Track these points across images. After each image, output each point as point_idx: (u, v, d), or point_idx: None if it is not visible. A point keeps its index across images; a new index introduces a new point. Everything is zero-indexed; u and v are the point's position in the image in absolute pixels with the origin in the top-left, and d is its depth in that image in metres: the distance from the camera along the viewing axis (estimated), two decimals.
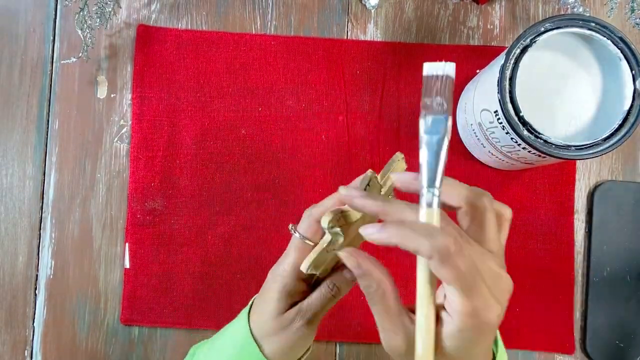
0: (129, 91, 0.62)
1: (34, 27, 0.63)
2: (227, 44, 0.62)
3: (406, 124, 0.61)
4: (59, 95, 0.62)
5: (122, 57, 0.63)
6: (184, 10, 0.63)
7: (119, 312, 0.61)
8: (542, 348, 0.60)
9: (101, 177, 0.62)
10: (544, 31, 0.47)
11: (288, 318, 0.37)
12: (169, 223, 0.61)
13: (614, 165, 0.62)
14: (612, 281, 0.60)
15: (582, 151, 0.47)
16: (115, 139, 0.62)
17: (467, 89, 0.59)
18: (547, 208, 0.61)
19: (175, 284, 0.60)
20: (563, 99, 0.49)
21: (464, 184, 0.33)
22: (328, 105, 0.62)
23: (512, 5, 0.63)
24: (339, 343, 0.61)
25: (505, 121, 0.47)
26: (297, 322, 0.37)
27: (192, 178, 0.61)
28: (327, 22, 0.63)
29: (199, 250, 0.61)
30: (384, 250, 0.60)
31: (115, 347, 0.61)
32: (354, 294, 0.61)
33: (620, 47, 0.47)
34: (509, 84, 0.47)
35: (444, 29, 0.63)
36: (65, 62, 0.62)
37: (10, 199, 0.62)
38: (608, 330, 0.60)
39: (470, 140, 0.59)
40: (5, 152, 0.62)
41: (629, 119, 0.47)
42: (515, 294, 0.61)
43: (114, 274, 0.61)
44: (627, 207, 0.61)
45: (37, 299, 0.61)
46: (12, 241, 0.62)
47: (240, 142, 0.61)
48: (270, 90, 0.62)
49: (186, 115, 0.62)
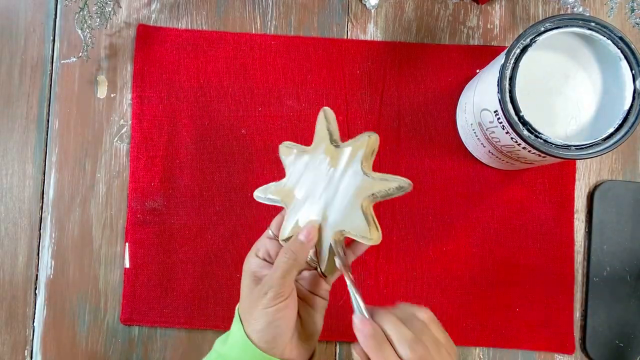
0: (129, 91, 0.62)
1: (34, 26, 0.63)
2: (227, 43, 0.62)
3: (406, 123, 0.61)
4: (59, 95, 0.62)
5: (122, 57, 0.63)
6: (184, 10, 0.63)
7: (118, 312, 0.61)
8: (542, 348, 0.60)
9: (101, 177, 0.62)
10: (544, 31, 0.47)
11: (258, 293, 0.40)
12: (169, 223, 0.61)
13: (614, 165, 0.62)
14: (612, 281, 0.60)
15: (582, 151, 0.47)
16: (116, 139, 0.62)
17: (467, 88, 0.59)
18: (547, 208, 0.61)
19: (175, 284, 0.60)
20: (563, 98, 0.49)
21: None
22: (328, 104, 0.61)
23: (512, 5, 0.63)
24: (339, 343, 0.61)
25: (505, 121, 0.47)
26: (267, 295, 0.39)
27: (192, 178, 0.61)
28: (327, 22, 0.63)
29: (199, 250, 0.61)
30: (384, 250, 0.61)
31: (115, 347, 0.61)
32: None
33: (620, 47, 0.47)
34: (509, 83, 0.47)
35: (444, 28, 0.63)
36: (65, 61, 0.62)
37: (11, 198, 0.62)
38: (608, 330, 0.60)
39: (470, 140, 0.59)
40: (6, 152, 0.62)
41: (628, 119, 0.47)
42: (515, 294, 0.61)
43: (114, 273, 0.61)
44: (627, 207, 0.61)
45: (37, 299, 0.61)
46: (12, 241, 0.62)
47: (240, 142, 0.61)
48: (270, 90, 0.62)
49: (186, 115, 0.62)
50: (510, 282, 0.60)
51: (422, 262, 0.61)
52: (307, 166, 0.43)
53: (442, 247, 0.61)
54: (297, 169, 0.44)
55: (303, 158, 0.44)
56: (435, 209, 0.61)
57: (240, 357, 0.40)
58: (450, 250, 0.61)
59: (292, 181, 0.44)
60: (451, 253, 0.61)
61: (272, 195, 0.45)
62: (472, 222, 0.61)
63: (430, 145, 0.61)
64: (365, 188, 0.41)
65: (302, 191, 0.43)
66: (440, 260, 0.61)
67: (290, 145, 0.45)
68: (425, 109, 0.62)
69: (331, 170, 0.42)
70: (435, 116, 0.62)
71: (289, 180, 0.44)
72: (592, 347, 0.60)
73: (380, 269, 0.61)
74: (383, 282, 0.60)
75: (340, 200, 0.41)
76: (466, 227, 0.61)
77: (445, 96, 0.61)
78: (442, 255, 0.61)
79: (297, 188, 0.43)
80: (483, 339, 0.60)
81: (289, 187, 0.44)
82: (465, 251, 0.61)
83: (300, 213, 0.43)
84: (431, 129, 0.62)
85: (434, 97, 0.62)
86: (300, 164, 0.44)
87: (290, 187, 0.44)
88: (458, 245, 0.61)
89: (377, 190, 0.40)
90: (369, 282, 0.60)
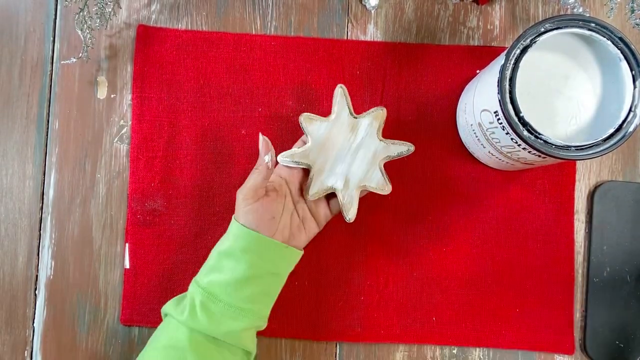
0: (129, 91, 0.62)
1: (34, 27, 0.63)
2: (227, 44, 0.62)
3: (406, 123, 0.61)
4: (59, 95, 0.62)
5: (122, 58, 0.63)
6: (184, 11, 0.63)
7: (118, 312, 0.61)
8: (542, 348, 0.60)
9: (101, 178, 0.62)
10: (544, 31, 0.47)
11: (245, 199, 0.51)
12: (169, 223, 0.61)
13: (614, 165, 0.62)
14: (612, 281, 0.60)
15: (582, 151, 0.47)
16: (116, 139, 0.62)
17: (467, 89, 0.59)
18: (547, 208, 0.61)
19: (175, 284, 0.60)
20: (563, 99, 0.49)
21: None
22: (328, 105, 0.61)
23: (512, 5, 0.63)
24: (339, 343, 0.61)
25: (505, 121, 0.47)
26: (252, 199, 0.51)
27: (192, 178, 0.61)
28: (327, 22, 0.63)
29: (199, 250, 0.61)
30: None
31: (115, 347, 0.61)
32: (354, 295, 0.61)
33: (620, 48, 0.47)
34: (509, 84, 0.47)
35: (444, 29, 0.63)
36: (65, 62, 0.62)
37: (11, 199, 0.62)
38: (608, 330, 0.60)
39: (471, 141, 0.59)
40: (5, 152, 0.62)
41: (629, 120, 0.47)
42: (515, 295, 0.61)
43: (114, 274, 0.61)
44: (627, 207, 0.61)
45: (37, 299, 0.61)
46: (12, 241, 0.62)
47: (241, 142, 0.61)
48: (270, 90, 0.62)
49: (186, 115, 0.62)
50: (510, 283, 0.60)
51: (422, 263, 0.61)
52: (330, 133, 0.53)
53: (442, 247, 0.61)
54: (320, 135, 0.53)
55: (324, 126, 0.53)
56: (435, 210, 0.61)
57: (234, 236, 0.50)
58: (450, 251, 0.61)
59: (316, 146, 0.53)
60: (451, 253, 0.61)
61: (299, 159, 0.53)
62: (472, 222, 0.61)
63: (430, 146, 0.61)
64: (382, 151, 0.53)
65: (327, 155, 0.53)
66: (440, 260, 0.61)
67: (312, 116, 0.54)
68: (425, 109, 0.62)
69: (352, 137, 0.53)
70: (435, 117, 0.62)
71: (314, 146, 0.53)
72: (592, 348, 0.60)
73: (380, 269, 0.61)
74: (383, 282, 0.60)
75: (361, 162, 0.53)
76: (466, 228, 0.61)
77: (445, 97, 0.61)
78: (442, 255, 0.61)
79: (322, 152, 0.53)
80: (483, 339, 0.60)
81: (314, 151, 0.53)
82: (465, 252, 0.61)
83: (326, 173, 0.53)
84: (431, 130, 0.62)
85: (434, 97, 0.62)
86: (323, 131, 0.53)
87: (316, 151, 0.53)
88: (458, 246, 0.61)
89: (392, 152, 0.54)
90: (369, 282, 0.60)
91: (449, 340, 0.60)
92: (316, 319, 0.60)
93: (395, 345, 0.61)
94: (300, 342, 0.61)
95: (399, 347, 0.61)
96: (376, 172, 0.53)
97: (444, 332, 0.60)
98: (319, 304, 0.60)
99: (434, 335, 0.60)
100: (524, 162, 0.53)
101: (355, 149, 0.53)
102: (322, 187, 0.53)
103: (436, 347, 0.61)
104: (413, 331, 0.60)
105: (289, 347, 0.61)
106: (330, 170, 0.53)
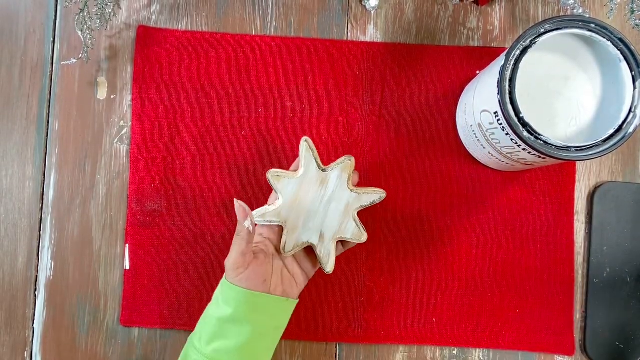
0: (129, 92, 0.62)
1: (34, 28, 0.63)
2: (227, 45, 0.62)
3: (406, 124, 0.61)
4: (59, 96, 0.62)
5: (122, 59, 0.63)
6: (184, 12, 0.63)
7: (118, 313, 0.61)
8: (542, 349, 0.60)
9: (101, 178, 0.62)
10: (544, 32, 0.47)
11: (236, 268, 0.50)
12: (169, 224, 0.61)
13: (614, 166, 0.62)
14: (612, 282, 0.60)
15: (582, 152, 0.47)
16: (115, 140, 0.62)
17: (467, 90, 0.59)
18: (547, 209, 0.61)
19: (175, 285, 0.60)
20: (563, 100, 0.49)
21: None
22: (328, 106, 0.62)
23: (512, 6, 0.63)
24: (338, 343, 0.61)
25: (505, 122, 0.47)
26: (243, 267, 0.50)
27: (192, 179, 0.61)
28: (327, 23, 0.63)
29: (199, 251, 0.61)
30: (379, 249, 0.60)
31: (114, 348, 0.61)
32: (354, 296, 0.61)
33: (620, 49, 0.47)
34: (508, 85, 0.47)
35: (443, 30, 0.63)
36: (65, 63, 0.62)
37: (10, 199, 0.62)
38: (608, 331, 0.60)
39: (470, 142, 0.59)
40: (5, 153, 0.62)
41: (628, 120, 0.47)
42: (515, 295, 0.61)
43: (114, 275, 0.61)
44: (627, 208, 0.61)
45: (37, 300, 0.61)
46: (12, 242, 0.62)
47: (241, 143, 0.61)
48: (270, 91, 0.62)
49: (186, 116, 0.62)
50: (510, 284, 0.60)
51: (422, 263, 0.61)
52: (300, 189, 0.51)
53: (442, 248, 0.61)
54: (289, 192, 0.51)
55: (293, 182, 0.51)
56: (435, 210, 0.61)
57: (235, 301, 0.49)
58: (450, 252, 0.61)
59: (287, 204, 0.51)
60: (451, 254, 0.61)
61: (270, 217, 0.52)
62: (472, 223, 0.61)
63: (430, 147, 0.61)
64: (354, 202, 0.52)
65: (298, 211, 0.51)
66: (440, 261, 0.61)
67: (279, 173, 0.52)
68: (425, 110, 0.62)
69: (322, 191, 0.51)
70: (435, 117, 0.62)
71: (285, 204, 0.51)
72: (592, 349, 0.60)
73: (380, 270, 0.61)
74: (384, 283, 0.60)
75: (334, 214, 0.52)
76: (466, 229, 0.61)
77: (445, 97, 0.62)
78: (442, 256, 0.61)
79: (293, 209, 0.51)
80: (483, 340, 0.60)
81: (286, 209, 0.51)
82: (466, 252, 0.61)
83: (300, 230, 0.52)
84: (431, 130, 0.62)
85: (434, 98, 0.62)
86: (292, 188, 0.51)
87: (287, 209, 0.51)
88: (458, 247, 0.61)
89: (365, 202, 0.52)
90: (369, 283, 0.60)
91: (449, 341, 0.60)
92: (316, 320, 0.60)
93: (396, 346, 0.61)
94: (300, 343, 0.61)
95: (399, 348, 0.61)
96: (350, 223, 0.52)
97: (444, 333, 0.60)
98: (319, 305, 0.60)
99: (434, 336, 0.60)
100: (524, 162, 0.53)
101: (326, 203, 0.52)
102: (297, 243, 0.52)
103: (436, 348, 0.61)
104: (413, 332, 0.60)
105: (288, 348, 0.61)
106: (304, 226, 0.52)
